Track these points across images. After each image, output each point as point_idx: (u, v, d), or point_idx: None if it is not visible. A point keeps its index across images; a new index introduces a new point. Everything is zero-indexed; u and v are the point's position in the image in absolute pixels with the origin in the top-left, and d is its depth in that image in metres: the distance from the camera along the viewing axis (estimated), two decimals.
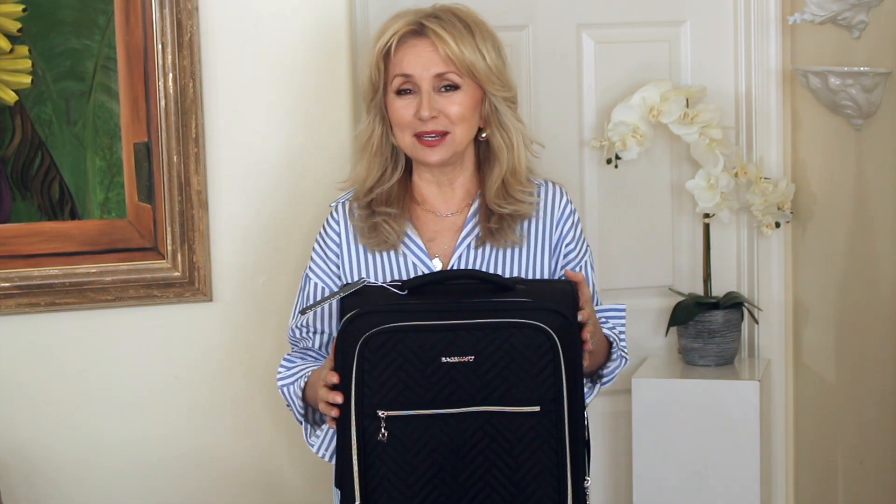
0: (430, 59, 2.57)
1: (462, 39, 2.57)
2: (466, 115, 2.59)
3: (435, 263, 2.64)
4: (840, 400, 3.53)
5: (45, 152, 3.06)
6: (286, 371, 2.67)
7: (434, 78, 2.57)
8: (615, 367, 2.65)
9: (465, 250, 2.64)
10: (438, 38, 2.56)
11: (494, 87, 2.61)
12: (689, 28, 3.58)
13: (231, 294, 3.17)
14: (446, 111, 2.57)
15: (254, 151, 3.16)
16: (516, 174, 2.64)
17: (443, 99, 2.58)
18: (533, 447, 2.37)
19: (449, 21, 2.58)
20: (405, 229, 2.64)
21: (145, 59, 3.06)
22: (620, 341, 2.65)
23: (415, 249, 2.64)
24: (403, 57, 2.59)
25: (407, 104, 2.59)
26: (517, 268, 2.64)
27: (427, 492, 2.37)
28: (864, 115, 3.32)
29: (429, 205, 2.68)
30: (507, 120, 2.63)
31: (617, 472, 3.64)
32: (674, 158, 3.60)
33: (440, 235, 2.66)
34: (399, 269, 2.64)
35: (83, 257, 3.08)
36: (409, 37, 2.59)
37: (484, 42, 2.60)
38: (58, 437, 3.12)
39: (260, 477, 3.23)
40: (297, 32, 3.16)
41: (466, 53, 2.56)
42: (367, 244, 2.64)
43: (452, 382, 2.36)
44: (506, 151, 2.63)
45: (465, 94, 2.59)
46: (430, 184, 2.68)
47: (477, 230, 2.64)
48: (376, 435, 2.37)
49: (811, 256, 3.56)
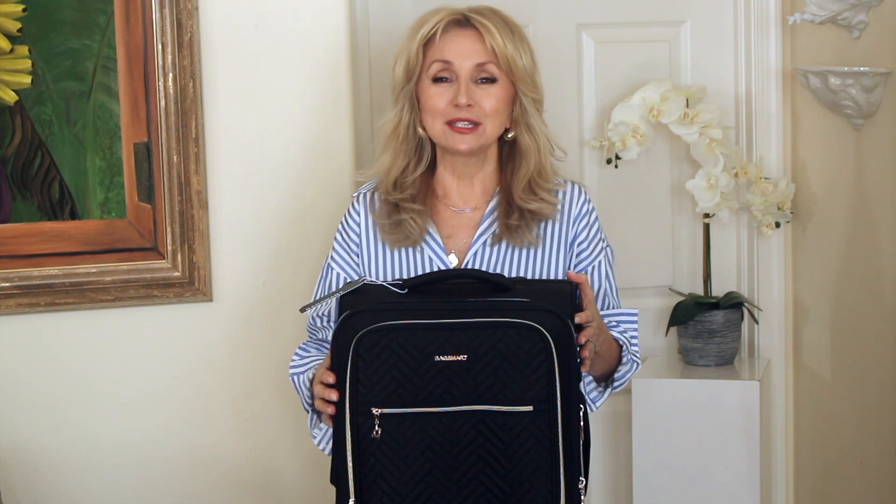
0: (473, 48, 2.60)
1: (505, 34, 2.61)
2: (500, 110, 2.62)
3: (451, 259, 2.65)
4: (840, 400, 3.53)
5: (45, 152, 3.06)
6: (299, 360, 2.68)
7: (474, 68, 2.60)
8: (626, 371, 2.66)
9: (481, 247, 2.65)
10: (486, 29, 2.60)
11: (527, 87, 2.64)
12: (689, 28, 3.58)
13: (231, 294, 3.17)
14: (482, 103, 2.60)
15: (254, 151, 3.16)
16: (542, 173, 2.67)
17: (479, 90, 2.60)
18: (526, 447, 2.38)
19: (492, 17, 2.63)
20: (427, 226, 2.66)
21: (145, 59, 3.06)
22: (632, 346, 2.66)
23: (433, 245, 2.66)
24: (446, 45, 2.61)
25: (442, 91, 2.61)
26: (532, 268, 2.65)
27: (421, 490, 2.38)
28: (864, 115, 3.32)
29: (449, 200, 2.70)
30: (534, 122, 2.66)
31: (617, 472, 3.64)
32: (674, 158, 3.60)
33: (458, 231, 2.68)
34: (416, 264, 2.65)
35: (83, 257, 3.08)
36: (454, 26, 2.62)
37: (522, 43, 2.64)
38: (58, 437, 3.12)
39: (260, 477, 3.23)
40: (297, 32, 3.16)
41: (509, 48, 2.60)
42: (388, 240, 2.66)
43: (446, 381, 2.37)
44: (533, 152, 2.66)
45: (501, 89, 2.62)
46: (451, 175, 2.69)
47: (494, 227, 2.66)
48: (370, 432, 2.39)
49: (811, 256, 3.56)
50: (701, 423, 3.40)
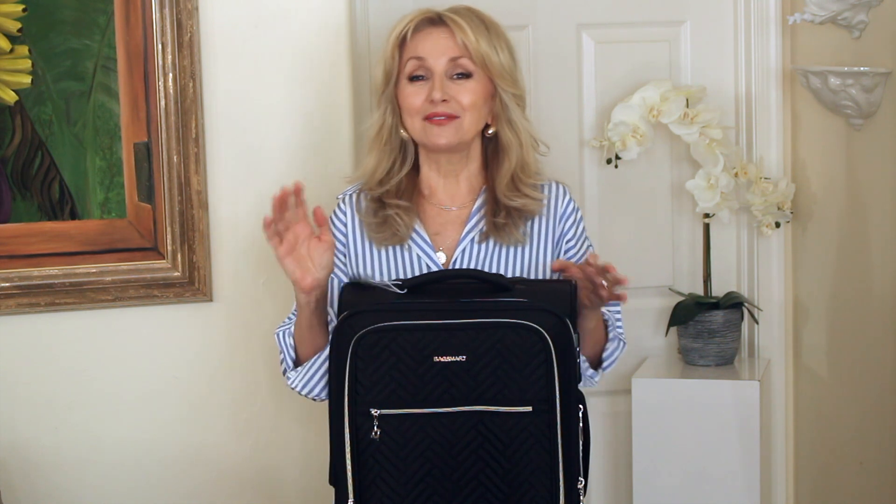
0: (445, 45, 2.61)
1: (478, 31, 2.61)
2: (477, 104, 2.62)
3: (439, 257, 2.65)
4: (840, 400, 3.53)
5: (45, 152, 3.06)
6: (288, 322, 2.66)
7: (448, 63, 2.61)
8: (613, 350, 2.66)
9: (469, 244, 2.65)
10: (456, 25, 2.61)
11: (506, 83, 2.64)
12: (689, 28, 3.58)
13: (231, 294, 3.17)
14: (458, 97, 2.61)
15: (254, 151, 3.16)
16: (525, 169, 2.67)
17: (455, 86, 2.61)
18: (526, 447, 2.38)
19: (466, 15, 2.64)
20: (414, 223, 2.66)
21: (145, 59, 3.06)
22: (617, 326, 2.67)
23: (420, 243, 2.66)
24: (419, 42, 2.62)
25: (418, 89, 2.62)
26: (520, 265, 2.65)
27: (420, 490, 2.39)
28: (864, 115, 3.32)
29: (435, 198, 2.70)
30: (515, 117, 2.67)
31: (617, 472, 3.64)
32: (674, 158, 3.60)
33: (445, 229, 2.68)
34: (405, 262, 2.65)
35: (83, 257, 3.08)
36: (426, 24, 2.63)
37: (498, 39, 2.64)
38: (58, 437, 3.13)
39: (259, 477, 3.23)
40: (297, 32, 3.16)
41: (482, 44, 2.61)
42: (375, 239, 2.66)
43: (445, 381, 2.37)
44: (515, 147, 2.66)
45: (477, 84, 2.62)
46: (436, 174, 2.69)
47: (481, 225, 2.66)
48: (370, 433, 2.39)
49: (811, 256, 3.56)
50: (701, 424, 3.40)
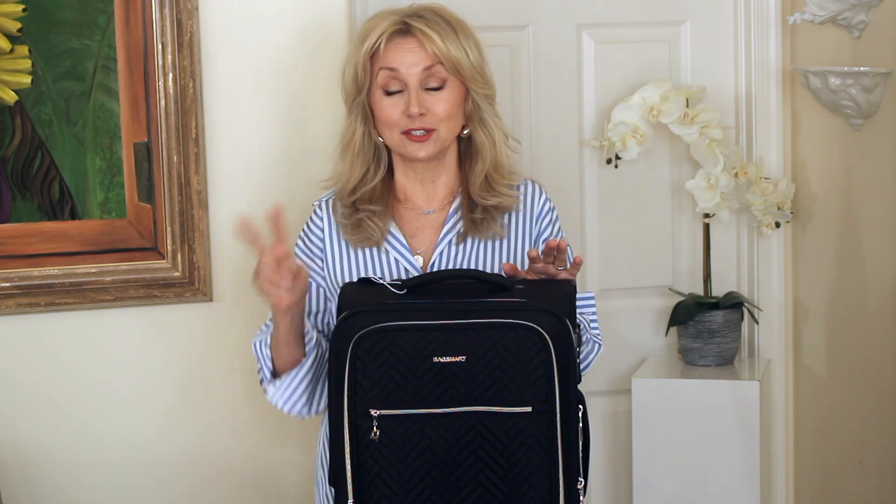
0: (417, 56, 2.61)
1: (447, 37, 2.62)
2: (452, 113, 2.64)
3: (417, 260, 2.67)
4: (840, 400, 3.53)
5: (45, 152, 3.06)
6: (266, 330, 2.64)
7: (422, 74, 2.61)
8: (588, 352, 2.67)
9: (447, 247, 2.67)
10: (426, 36, 2.61)
11: (477, 85, 2.66)
12: (689, 28, 3.58)
13: (231, 294, 3.17)
14: (434, 109, 2.62)
15: (254, 151, 3.16)
16: (499, 169, 2.70)
17: (430, 97, 2.62)
18: (525, 447, 2.38)
19: (433, 20, 2.63)
20: (388, 226, 2.67)
21: (145, 59, 3.07)
22: (592, 328, 2.67)
23: (397, 246, 2.67)
24: (391, 55, 2.62)
25: (394, 102, 2.62)
26: (499, 261, 2.66)
27: (419, 491, 2.39)
28: (864, 115, 3.32)
29: (411, 202, 2.71)
30: (487, 116, 2.69)
31: (617, 472, 3.64)
32: (674, 158, 3.60)
33: (422, 232, 2.70)
34: (382, 265, 2.67)
35: (83, 257, 3.09)
36: (396, 36, 2.63)
37: (467, 40, 2.65)
38: (58, 437, 3.13)
39: (259, 477, 3.23)
40: (296, 33, 3.16)
41: (453, 50, 2.61)
42: (351, 241, 2.68)
43: (444, 382, 2.37)
44: (488, 147, 2.68)
45: (451, 92, 2.63)
46: (413, 181, 2.71)
47: (459, 227, 2.68)
48: (369, 434, 2.39)
49: (811, 256, 3.56)
50: (701, 423, 3.40)
